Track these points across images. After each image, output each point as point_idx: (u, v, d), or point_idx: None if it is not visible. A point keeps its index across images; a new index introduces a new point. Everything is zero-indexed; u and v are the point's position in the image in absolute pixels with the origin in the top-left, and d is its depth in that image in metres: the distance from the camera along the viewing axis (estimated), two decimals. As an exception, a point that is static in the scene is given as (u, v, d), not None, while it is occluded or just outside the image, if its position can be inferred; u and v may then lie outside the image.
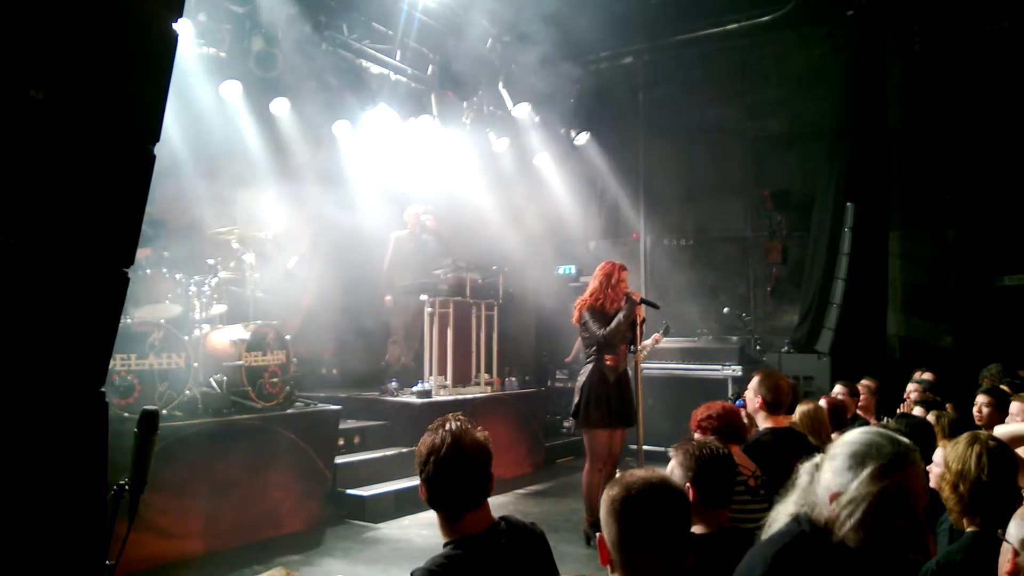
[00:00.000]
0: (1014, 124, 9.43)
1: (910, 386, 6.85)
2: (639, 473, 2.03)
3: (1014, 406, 4.54)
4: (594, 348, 6.29)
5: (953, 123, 9.93)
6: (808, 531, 2.00)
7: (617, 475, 2.13)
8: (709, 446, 3.01)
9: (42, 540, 2.04)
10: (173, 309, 6.40)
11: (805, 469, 2.16)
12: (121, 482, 2.32)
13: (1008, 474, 2.74)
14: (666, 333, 7.38)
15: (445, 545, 2.36)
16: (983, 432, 3.03)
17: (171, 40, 2.16)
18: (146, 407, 2.36)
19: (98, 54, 2.02)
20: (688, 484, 2.74)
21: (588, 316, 6.25)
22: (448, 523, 2.38)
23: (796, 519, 2.07)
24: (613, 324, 6.15)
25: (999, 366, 6.72)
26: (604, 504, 2.02)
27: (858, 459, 1.94)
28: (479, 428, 2.46)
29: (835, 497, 1.94)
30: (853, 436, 2.02)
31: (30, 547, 2.01)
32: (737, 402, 4.98)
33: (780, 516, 2.17)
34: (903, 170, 10.25)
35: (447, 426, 2.41)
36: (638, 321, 6.25)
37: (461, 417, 2.46)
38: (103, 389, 2.19)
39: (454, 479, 2.35)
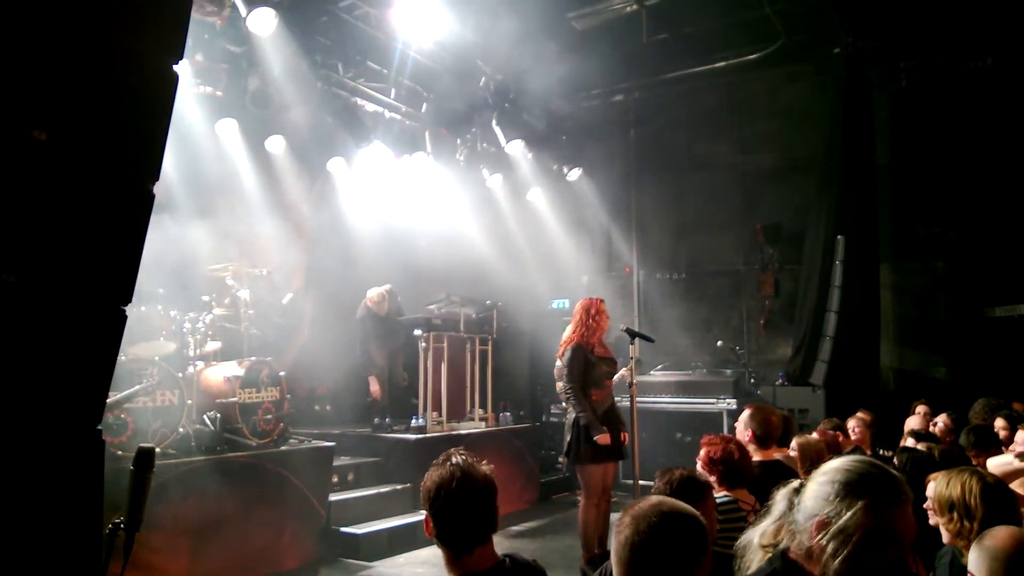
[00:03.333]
0: (1000, 157, 9.58)
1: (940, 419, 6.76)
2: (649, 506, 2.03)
3: (1020, 436, 4.56)
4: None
5: (941, 156, 10.07)
6: (780, 570, 1.95)
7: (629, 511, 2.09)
8: (684, 475, 3.04)
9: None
10: (168, 346, 6.39)
11: (782, 495, 2.10)
12: (116, 520, 2.32)
13: (1006, 506, 2.74)
14: (635, 365, 7.30)
15: None
16: (974, 468, 3.05)
17: (171, 81, 2.19)
18: (142, 445, 2.36)
19: (100, 95, 2.05)
20: None
21: (569, 359, 6.23)
22: (455, 559, 2.35)
23: (769, 560, 2.01)
24: (581, 408, 6.10)
25: (988, 401, 6.67)
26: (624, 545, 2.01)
27: (852, 489, 1.88)
28: (484, 462, 2.46)
29: (822, 526, 1.87)
30: (845, 464, 1.96)
31: (25, 586, 2.00)
32: None
33: (753, 549, 2.12)
34: (893, 203, 10.38)
35: (454, 460, 2.39)
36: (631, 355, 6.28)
37: (464, 452, 2.45)
38: (99, 427, 2.19)
39: (464, 512, 2.33)
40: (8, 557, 1.96)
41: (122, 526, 2.32)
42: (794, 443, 5.05)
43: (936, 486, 2.95)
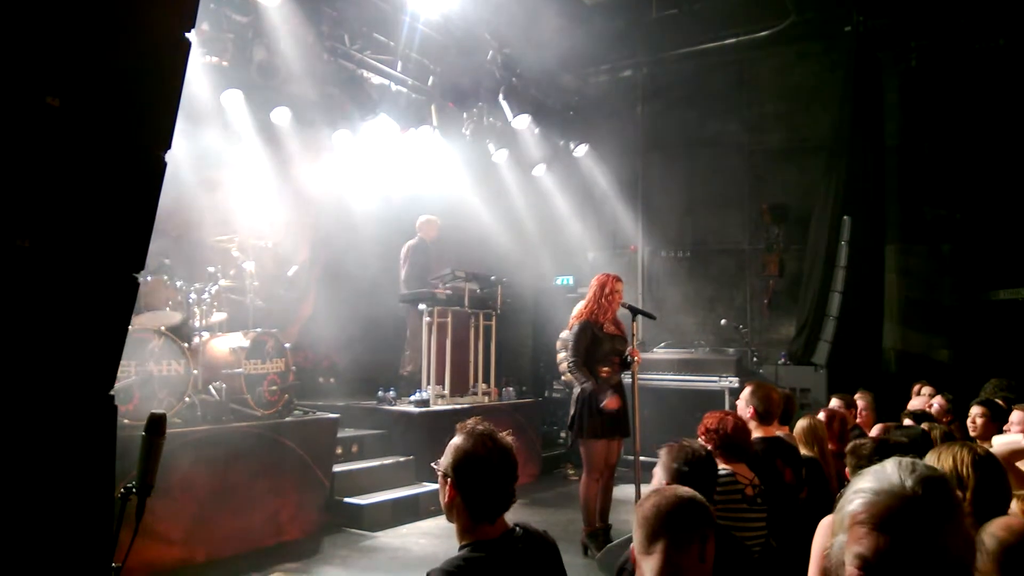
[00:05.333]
0: (1009, 140, 9.52)
1: (936, 400, 6.80)
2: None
3: (1015, 415, 4.58)
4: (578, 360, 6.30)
5: (949, 138, 10.01)
6: None
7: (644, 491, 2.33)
8: (693, 448, 3.07)
9: (51, 541, 2.05)
10: (174, 316, 6.41)
11: None
12: (128, 485, 2.35)
13: (996, 482, 2.76)
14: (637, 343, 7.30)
15: (461, 548, 2.36)
16: (968, 443, 3.07)
17: (183, 50, 2.19)
18: (154, 411, 2.38)
19: (112, 63, 2.05)
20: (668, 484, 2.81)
21: (575, 334, 6.26)
22: (471, 528, 2.37)
23: None
24: (582, 377, 6.14)
25: (999, 381, 6.73)
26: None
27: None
28: (507, 432, 2.47)
29: None
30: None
31: (39, 548, 2.03)
32: None
33: None
34: (900, 185, 10.34)
35: (481, 428, 2.40)
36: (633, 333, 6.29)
37: (485, 421, 2.46)
38: (111, 393, 2.22)
39: (493, 481, 2.35)
40: (23, 521, 1.98)
41: (134, 491, 2.34)
42: (796, 427, 5.08)
43: (928, 460, 2.98)
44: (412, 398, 8.42)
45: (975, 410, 5.14)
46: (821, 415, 5.40)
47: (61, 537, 2.08)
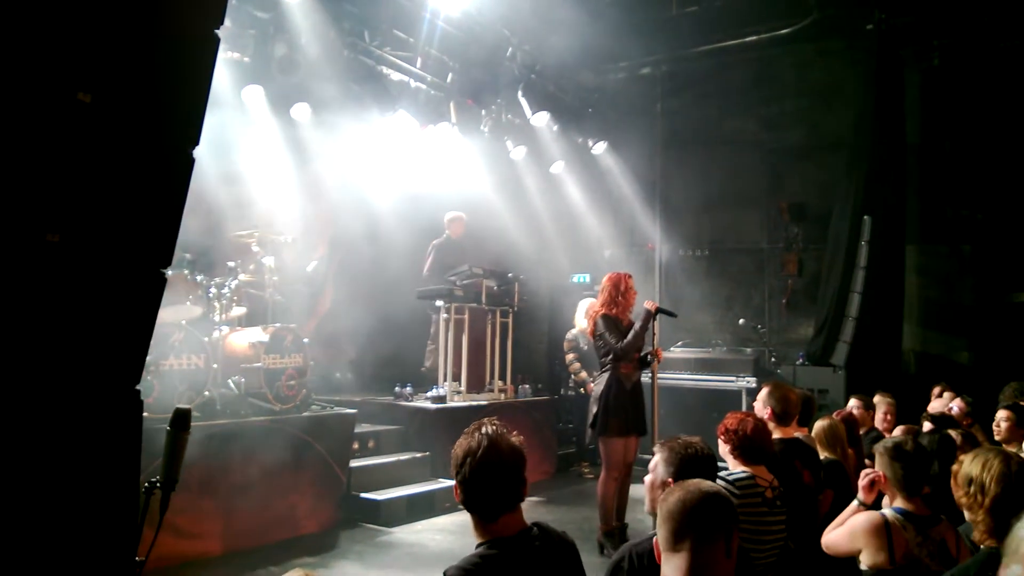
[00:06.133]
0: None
1: (956, 403, 6.75)
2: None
3: None
4: (610, 357, 6.31)
5: (972, 138, 9.92)
6: None
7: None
8: (693, 445, 3.05)
9: (77, 534, 2.07)
10: (194, 311, 6.45)
11: None
12: (153, 479, 2.36)
13: (1020, 489, 2.74)
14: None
15: (478, 546, 2.38)
16: (1000, 448, 3.04)
17: (212, 45, 2.20)
18: (179, 406, 2.39)
19: (142, 59, 2.06)
20: (670, 481, 2.81)
21: (603, 326, 6.28)
22: (482, 524, 2.40)
23: None
24: (630, 336, 6.18)
25: (1019, 384, 6.67)
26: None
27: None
28: (514, 432, 2.48)
29: None
30: None
31: (66, 541, 2.04)
32: None
33: None
34: (921, 184, 10.24)
35: (483, 429, 2.44)
36: (652, 332, 6.30)
37: (496, 421, 2.48)
38: (137, 387, 2.23)
39: (490, 481, 2.37)
40: (50, 514, 2.00)
41: (158, 485, 2.36)
42: (815, 428, 5.05)
43: (964, 461, 2.97)
44: (429, 394, 8.44)
45: (1001, 414, 5.11)
46: (835, 416, 5.37)
47: (87, 530, 2.10)
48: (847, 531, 3.34)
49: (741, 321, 10.68)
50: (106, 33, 1.98)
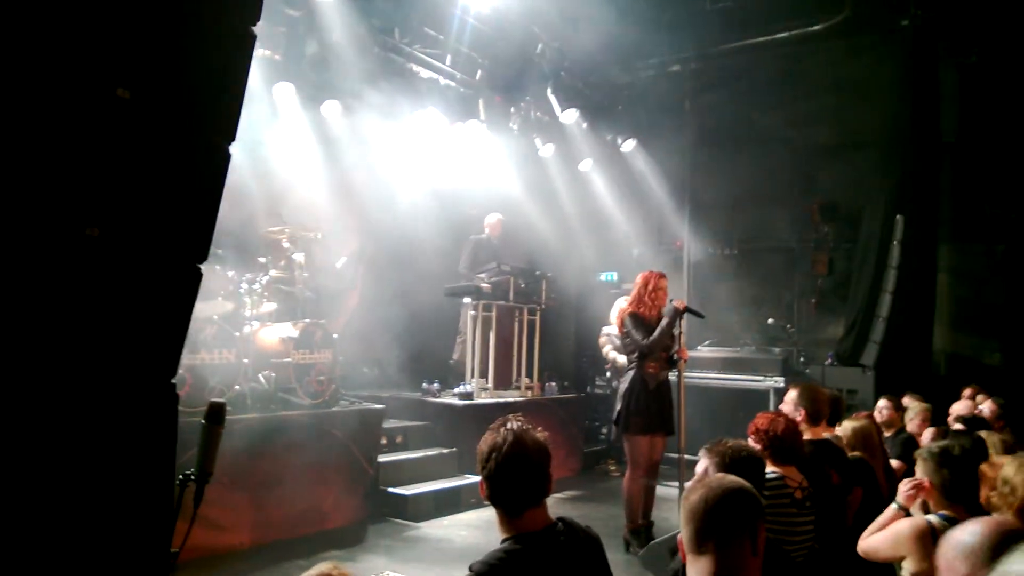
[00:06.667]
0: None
1: (986, 405, 6.65)
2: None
3: None
4: (636, 355, 6.30)
5: (1010, 136, 9.73)
6: None
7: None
8: (743, 448, 3.02)
9: (114, 525, 2.10)
10: (225, 306, 6.53)
11: None
12: (187, 472, 2.39)
13: None
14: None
15: (503, 541, 2.39)
16: None
17: (248, 42, 2.23)
18: (214, 400, 2.43)
19: (180, 56, 2.09)
20: None
21: (631, 324, 6.28)
22: (507, 519, 2.41)
23: None
24: (656, 334, 6.17)
25: None
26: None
27: None
28: (539, 429, 2.49)
29: None
30: None
31: (102, 532, 2.08)
32: None
33: None
34: (955, 183, 10.07)
35: (508, 425, 2.45)
36: (679, 331, 6.28)
37: (521, 418, 2.49)
38: (172, 381, 2.27)
39: (515, 476, 2.38)
40: (88, 505, 2.04)
41: (192, 478, 2.39)
42: (844, 425, 5.01)
43: (1003, 464, 2.95)
44: (456, 391, 8.48)
45: None
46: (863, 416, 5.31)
47: (124, 521, 2.13)
48: (890, 537, 3.28)
49: (770, 320, 10.59)
50: (145, 30, 2.02)
